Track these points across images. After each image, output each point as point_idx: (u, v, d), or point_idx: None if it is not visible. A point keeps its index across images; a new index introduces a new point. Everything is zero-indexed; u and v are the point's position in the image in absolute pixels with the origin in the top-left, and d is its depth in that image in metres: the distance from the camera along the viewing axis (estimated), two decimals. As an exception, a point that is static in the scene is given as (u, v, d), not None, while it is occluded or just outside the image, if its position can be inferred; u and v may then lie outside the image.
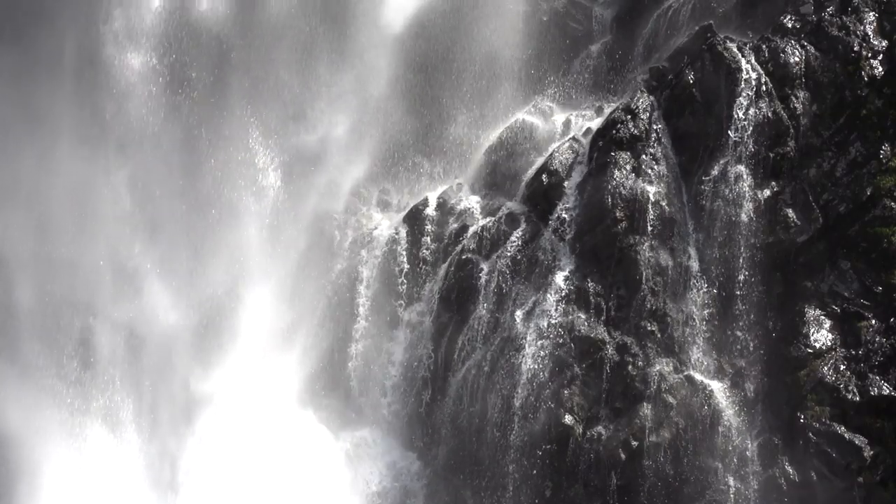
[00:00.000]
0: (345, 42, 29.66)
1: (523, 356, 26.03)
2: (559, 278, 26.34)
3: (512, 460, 25.78)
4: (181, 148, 28.77)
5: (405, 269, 28.66)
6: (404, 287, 28.60)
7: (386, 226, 29.46)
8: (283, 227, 29.25)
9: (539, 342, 25.98)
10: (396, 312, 28.44)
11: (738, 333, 25.42)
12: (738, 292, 25.43)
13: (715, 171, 25.71)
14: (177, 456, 28.19)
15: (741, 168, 25.60)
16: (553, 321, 26.01)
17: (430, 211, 29.07)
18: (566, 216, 26.70)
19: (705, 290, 25.60)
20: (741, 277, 25.43)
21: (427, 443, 27.54)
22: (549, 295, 26.20)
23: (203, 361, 28.59)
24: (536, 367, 25.88)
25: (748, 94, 25.69)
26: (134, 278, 28.65)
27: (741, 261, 25.44)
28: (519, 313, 26.42)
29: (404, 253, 28.76)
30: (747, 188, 25.53)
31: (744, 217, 25.47)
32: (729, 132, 25.66)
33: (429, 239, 28.76)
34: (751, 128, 25.63)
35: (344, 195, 29.65)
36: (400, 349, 28.32)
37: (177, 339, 28.59)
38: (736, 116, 25.63)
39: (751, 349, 25.35)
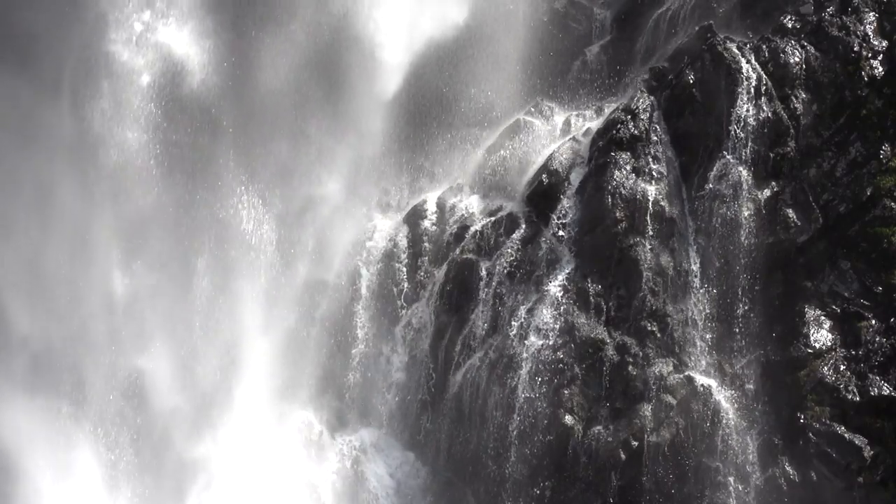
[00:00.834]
0: (339, 109, 29.28)
1: (523, 357, 26.01)
2: (559, 279, 26.33)
3: (512, 460, 25.77)
4: (176, 218, 28.42)
5: (404, 276, 28.64)
6: (404, 291, 28.59)
7: (386, 226, 29.42)
8: (279, 290, 28.85)
9: (539, 342, 25.97)
10: (394, 336, 28.38)
11: (738, 333, 25.40)
12: (738, 292, 25.42)
13: (715, 171, 25.71)
14: None
15: (741, 168, 25.60)
16: (553, 321, 26.00)
17: (430, 212, 29.05)
18: (566, 216, 26.69)
19: (705, 290, 25.59)
20: (741, 277, 25.43)
21: (427, 440, 27.51)
22: (548, 295, 26.19)
23: (198, 429, 28.15)
24: (536, 367, 25.86)
25: (748, 95, 25.69)
26: (130, 339, 28.32)
27: (741, 261, 25.43)
28: (519, 313, 26.41)
29: (404, 256, 28.75)
30: (747, 188, 25.53)
31: (744, 217, 25.47)
32: (729, 132, 25.67)
33: (428, 240, 28.75)
34: (751, 128, 25.64)
35: (337, 255, 29.33)
36: (400, 375, 28.21)
37: (173, 406, 28.15)
38: (736, 116, 25.63)
39: (751, 349, 25.34)
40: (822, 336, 24.86)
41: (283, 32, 29.01)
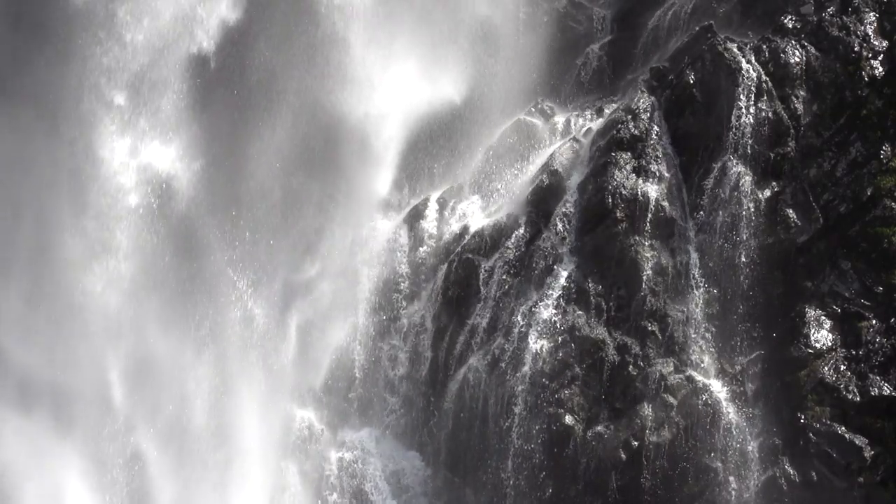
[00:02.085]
0: (334, 205, 29.18)
1: (523, 357, 26.01)
2: (559, 278, 26.33)
3: (512, 460, 25.78)
4: (172, 314, 28.23)
5: (405, 278, 28.63)
6: (404, 295, 28.60)
7: (386, 226, 29.41)
8: (272, 395, 28.56)
9: (539, 342, 25.97)
10: (392, 369, 28.41)
11: (739, 333, 25.41)
12: (739, 292, 25.43)
13: (715, 171, 25.72)
14: None
15: (741, 168, 25.61)
16: (553, 321, 26.00)
17: (431, 211, 29.05)
18: (566, 216, 26.69)
19: (705, 290, 25.59)
20: (741, 277, 25.43)
21: (427, 442, 27.52)
22: (549, 295, 26.19)
23: None
24: (536, 367, 25.87)
25: (748, 95, 25.70)
26: (129, 415, 28.14)
27: (741, 261, 25.43)
28: (519, 313, 26.41)
29: (404, 256, 28.77)
30: (747, 188, 25.54)
31: (744, 217, 25.48)
32: (729, 132, 25.67)
33: (428, 240, 28.74)
34: (751, 128, 25.64)
35: (331, 352, 29.01)
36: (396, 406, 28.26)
37: (162, 487, 28.00)
38: (736, 116, 25.65)
39: (751, 349, 25.34)
40: (822, 336, 24.85)
41: (269, 133, 28.56)
